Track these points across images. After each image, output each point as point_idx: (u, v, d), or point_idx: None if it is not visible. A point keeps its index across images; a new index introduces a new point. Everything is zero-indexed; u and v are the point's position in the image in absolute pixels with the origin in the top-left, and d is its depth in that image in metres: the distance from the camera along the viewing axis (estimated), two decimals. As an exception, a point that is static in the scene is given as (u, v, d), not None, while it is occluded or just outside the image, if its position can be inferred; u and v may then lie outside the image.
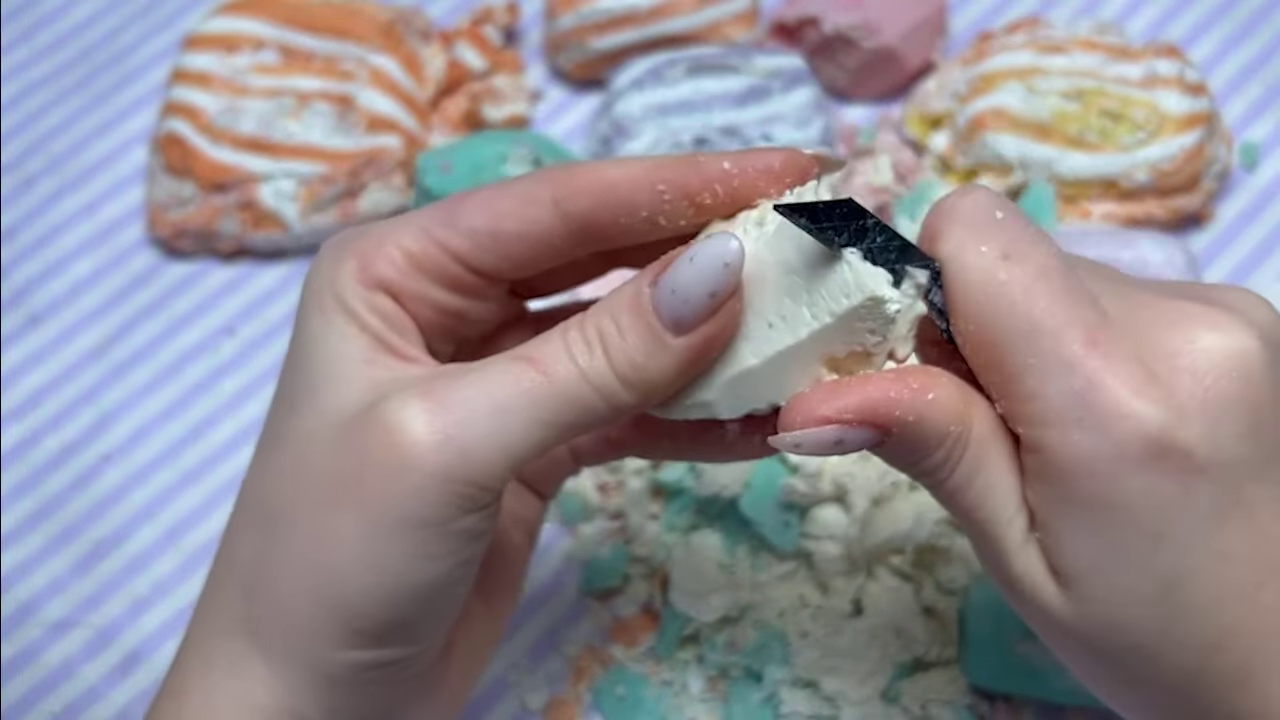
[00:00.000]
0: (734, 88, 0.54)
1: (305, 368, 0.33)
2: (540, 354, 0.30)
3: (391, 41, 0.57)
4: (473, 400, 0.29)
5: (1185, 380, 0.29)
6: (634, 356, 0.30)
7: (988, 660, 0.44)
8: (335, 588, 0.30)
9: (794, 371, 0.31)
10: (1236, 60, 0.59)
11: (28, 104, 0.60)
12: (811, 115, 0.54)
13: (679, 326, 0.29)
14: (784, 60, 0.55)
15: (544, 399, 0.30)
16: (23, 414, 0.53)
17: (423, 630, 0.32)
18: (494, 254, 0.33)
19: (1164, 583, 0.29)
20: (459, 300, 0.34)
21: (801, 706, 0.44)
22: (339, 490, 0.30)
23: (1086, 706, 0.45)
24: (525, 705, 0.46)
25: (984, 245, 0.30)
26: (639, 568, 0.48)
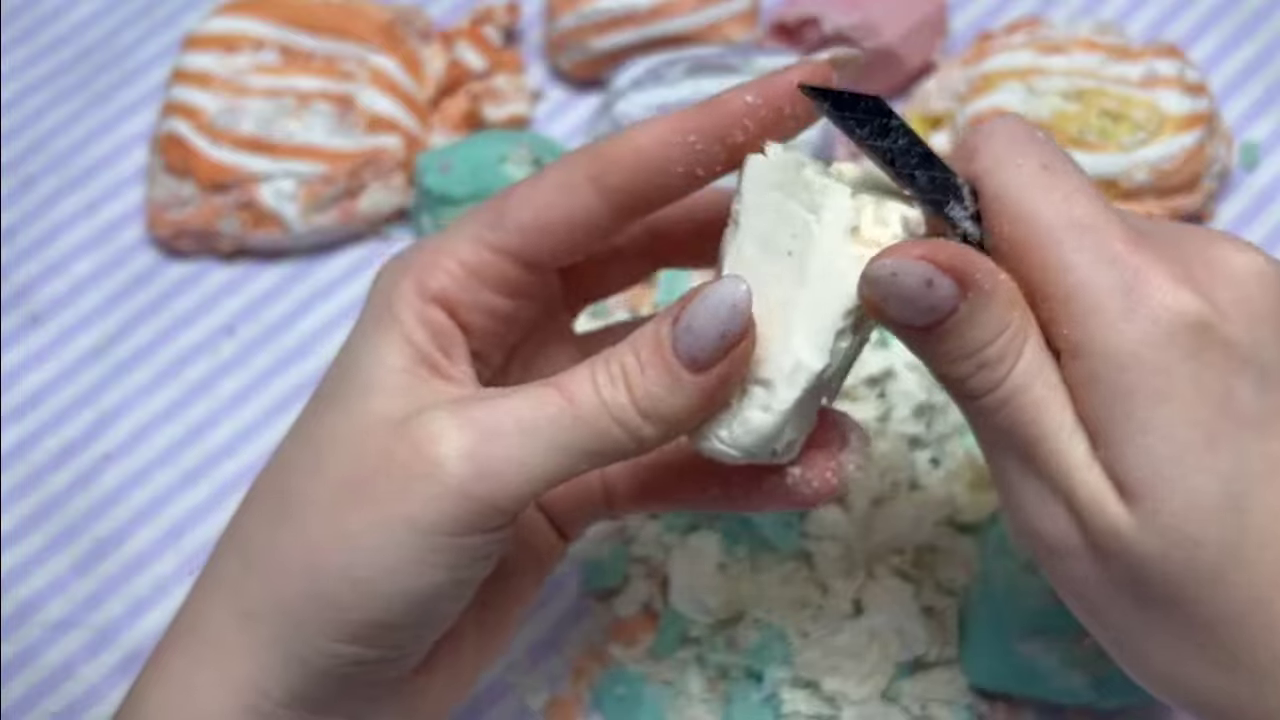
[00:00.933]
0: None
1: (346, 372, 0.34)
2: (568, 384, 0.31)
3: (391, 41, 0.57)
4: (499, 422, 0.30)
5: (1222, 284, 0.30)
6: (652, 391, 0.31)
7: (988, 660, 0.44)
8: (333, 580, 0.31)
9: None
10: (1236, 60, 0.59)
11: (28, 104, 0.60)
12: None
13: (694, 365, 0.30)
14: (784, 60, 0.55)
15: (567, 427, 0.30)
16: (23, 414, 0.53)
17: (407, 637, 0.32)
18: (545, 246, 0.34)
19: (1227, 487, 0.29)
20: (511, 304, 0.35)
21: (802, 706, 0.44)
22: (356, 488, 0.31)
23: (1086, 706, 0.45)
24: (525, 705, 0.46)
25: (1022, 158, 0.31)
26: (639, 568, 0.48)
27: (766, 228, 0.32)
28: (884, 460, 0.46)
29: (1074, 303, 0.30)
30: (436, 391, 0.32)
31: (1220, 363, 0.29)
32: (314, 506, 0.32)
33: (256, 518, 0.33)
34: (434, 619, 0.33)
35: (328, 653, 0.31)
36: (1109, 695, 0.44)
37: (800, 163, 0.32)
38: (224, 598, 0.33)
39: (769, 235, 0.32)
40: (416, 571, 0.31)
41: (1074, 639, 0.43)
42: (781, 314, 0.31)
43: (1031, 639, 0.44)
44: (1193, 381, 0.29)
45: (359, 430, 0.32)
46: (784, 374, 0.31)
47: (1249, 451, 0.29)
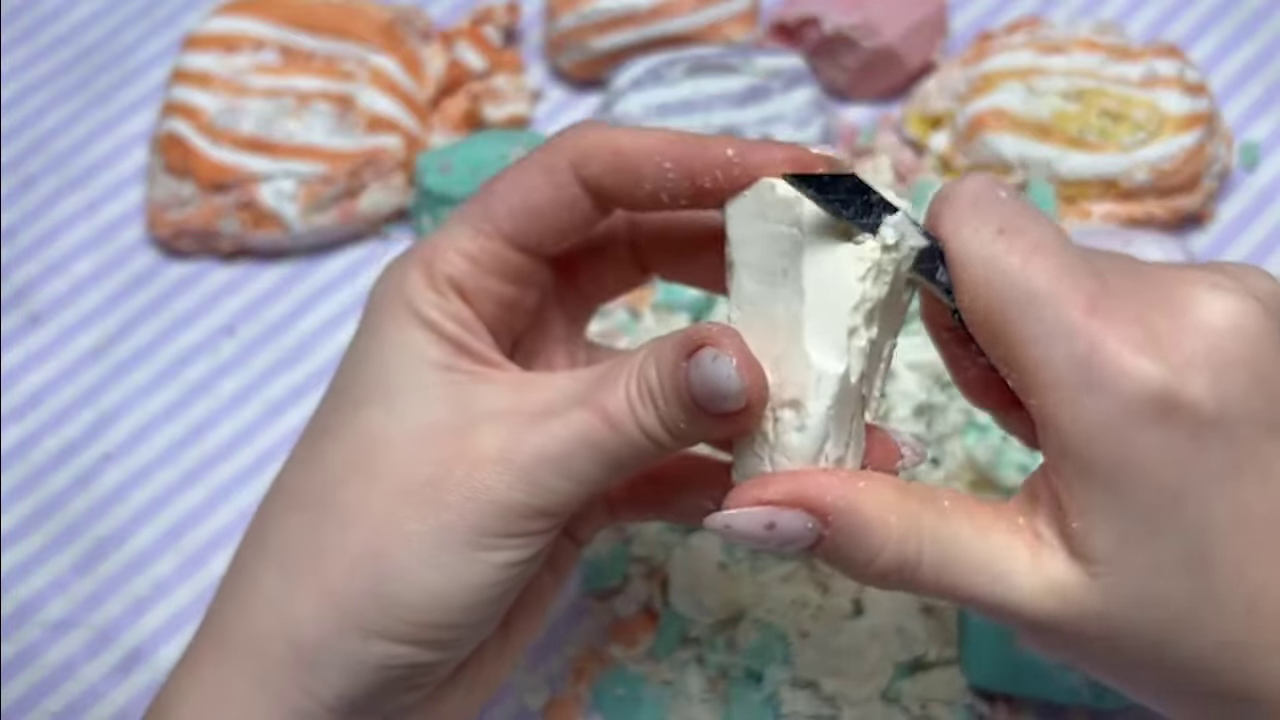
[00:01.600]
0: (734, 88, 0.54)
1: (377, 370, 0.34)
2: (607, 403, 0.32)
3: (391, 41, 0.57)
4: (548, 446, 0.32)
5: (1189, 338, 0.29)
6: (677, 421, 0.31)
7: (988, 660, 0.44)
8: (392, 581, 0.32)
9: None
10: (1236, 60, 0.59)
11: (28, 104, 0.60)
12: (811, 115, 0.54)
13: (706, 409, 0.31)
14: (784, 60, 0.55)
15: (611, 446, 0.32)
16: (23, 414, 0.53)
17: (460, 637, 0.33)
18: (534, 229, 0.35)
19: (1193, 544, 0.29)
20: (514, 290, 0.35)
21: (802, 707, 0.44)
22: (413, 492, 0.32)
23: (1086, 706, 0.45)
24: (525, 705, 0.46)
25: (981, 223, 0.31)
26: (639, 568, 0.48)
27: (758, 258, 0.32)
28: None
29: (1034, 376, 0.30)
30: (483, 389, 0.33)
31: (1186, 425, 0.29)
32: (365, 511, 0.32)
33: (296, 524, 0.34)
34: (485, 619, 0.34)
35: (385, 656, 0.32)
36: (1109, 695, 0.44)
37: (772, 184, 0.32)
38: (263, 606, 0.33)
39: (762, 264, 0.32)
40: (471, 572, 0.32)
41: (1074, 639, 0.43)
42: (792, 333, 0.31)
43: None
44: (1157, 449, 0.29)
45: (412, 435, 0.33)
46: (809, 389, 0.31)
47: (1216, 505, 0.29)
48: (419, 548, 0.32)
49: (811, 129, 0.54)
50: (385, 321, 0.34)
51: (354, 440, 0.34)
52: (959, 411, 0.48)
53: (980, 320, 0.31)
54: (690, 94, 0.54)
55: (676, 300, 0.52)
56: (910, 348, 0.49)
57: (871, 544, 0.30)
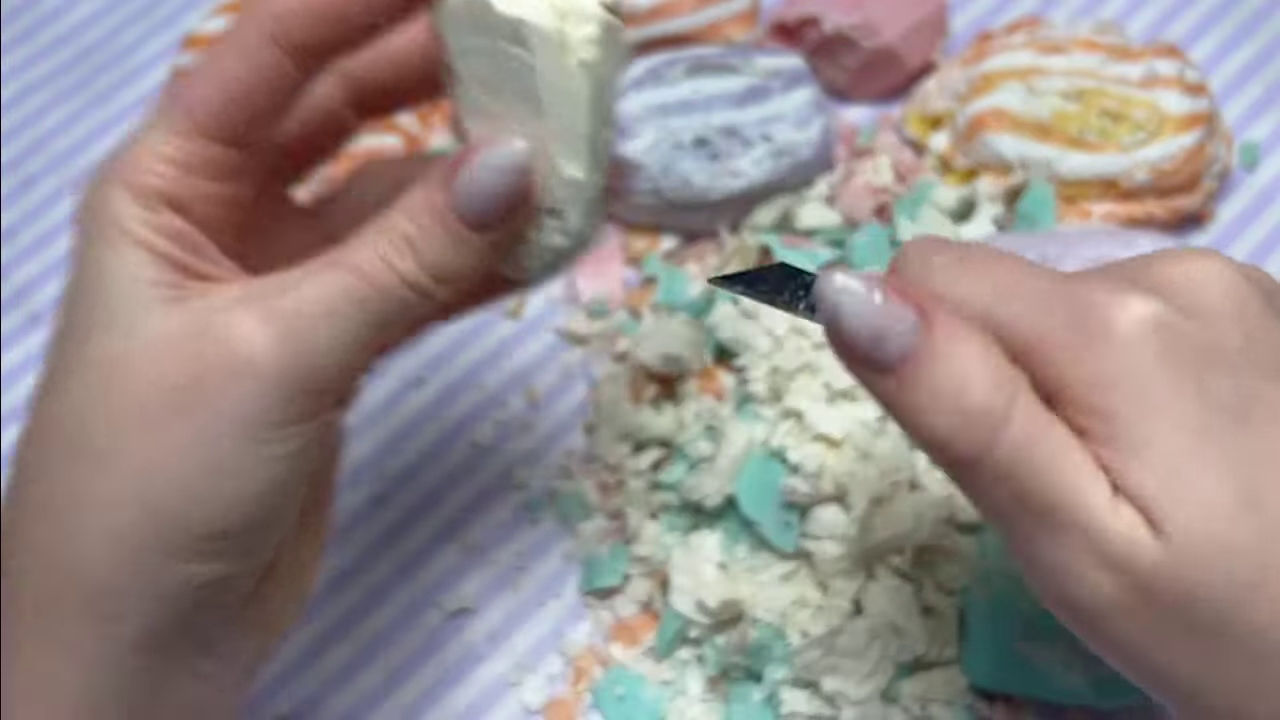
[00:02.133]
0: (734, 88, 0.54)
1: (96, 299, 0.31)
2: (356, 260, 0.31)
3: (391, 41, 0.57)
4: (300, 309, 0.30)
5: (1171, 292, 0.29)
6: (440, 255, 0.31)
7: (988, 660, 0.44)
8: (171, 498, 0.30)
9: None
10: (1236, 60, 0.59)
11: (28, 104, 0.60)
12: (811, 115, 0.54)
13: (480, 227, 0.31)
14: (784, 60, 0.55)
15: (371, 303, 0.31)
16: (23, 414, 0.53)
17: (257, 541, 0.31)
18: (239, 118, 0.32)
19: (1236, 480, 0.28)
20: (228, 187, 0.33)
21: (801, 707, 0.44)
22: (171, 402, 0.30)
23: (1086, 706, 0.45)
24: (525, 705, 0.46)
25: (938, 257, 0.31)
26: (639, 567, 0.48)
27: (486, 72, 0.33)
28: (884, 460, 0.46)
29: (1034, 356, 0.29)
30: (212, 292, 0.31)
31: (1188, 358, 0.28)
32: (126, 437, 0.30)
33: (50, 467, 0.31)
34: (274, 519, 0.32)
35: (182, 576, 0.30)
36: (1109, 695, 0.44)
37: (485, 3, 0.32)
38: (42, 567, 0.31)
39: (491, 78, 0.33)
40: (252, 469, 0.30)
41: (1074, 639, 0.43)
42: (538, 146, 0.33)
43: (1031, 639, 0.44)
44: (1168, 384, 0.28)
45: (150, 349, 0.30)
46: (567, 199, 0.33)
47: (1240, 443, 0.28)
48: (190, 456, 0.30)
49: (811, 129, 0.54)
50: (96, 246, 0.32)
51: (92, 370, 0.31)
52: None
53: None
54: (690, 94, 0.54)
55: (677, 300, 0.52)
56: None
57: (967, 372, 0.28)
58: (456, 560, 0.49)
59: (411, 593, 0.48)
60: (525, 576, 0.49)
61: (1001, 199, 0.53)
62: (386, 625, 0.48)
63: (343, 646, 0.47)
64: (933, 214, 0.53)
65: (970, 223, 0.53)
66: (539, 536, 0.49)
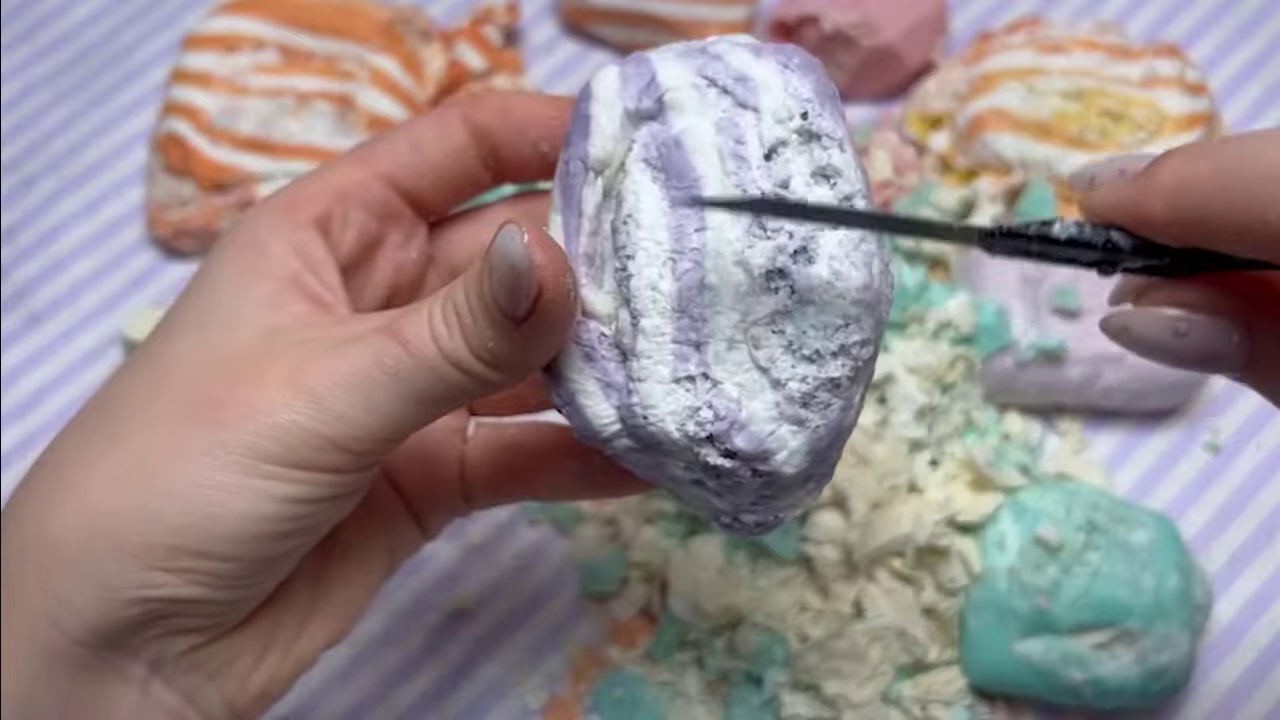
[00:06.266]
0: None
1: (202, 300, 0.32)
2: (405, 329, 0.30)
3: (391, 41, 0.57)
4: (339, 372, 0.29)
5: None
6: (485, 339, 0.29)
7: (988, 660, 0.44)
8: (157, 498, 0.29)
9: None
10: (1236, 60, 0.59)
11: (28, 104, 0.60)
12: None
13: (512, 313, 0.28)
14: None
15: (408, 374, 0.29)
16: (23, 414, 0.53)
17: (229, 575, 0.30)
18: (415, 172, 0.34)
19: None
20: (381, 227, 0.34)
21: (802, 709, 0.44)
22: (194, 411, 0.30)
23: (1087, 706, 0.45)
24: (525, 705, 0.46)
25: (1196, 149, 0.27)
26: (637, 571, 0.48)
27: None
28: (882, 465, 0.46)
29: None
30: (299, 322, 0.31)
31: None
32: (149, 424, 0.30)
33: (76, 436, 0.31)
34: (262, 560, 0.30)
35: (140, 583, 0.29)
36: (1109, 695, 0.44)
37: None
38: (18, 527, 0.30)
39: None
40: (247, 500, 0.29)
41: (1074, 639, 0.43)
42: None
43: (1031, 639, 0.44)
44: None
45: (208, 359, 0.30)
46: None
47: None
48: (190, 465, 0.29)
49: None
50: (226, 252, 0.32)
51: (153, 363, 0.31)
52: (959, 413, 0.48)
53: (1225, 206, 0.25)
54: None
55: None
56: (910, 351, 0.49)
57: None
58: (456, 560, 0.49)
59: (411, 593, 0.48)
60: (525, 577, 0.49)
61: (1001, 199, 0.53)
62: (386, 625, 0.48)
63: (342, 646, 0.47)
64: (933, 214, 0.53)
65: (970, 223, 0.53)
66: (539, 538, 0.49)
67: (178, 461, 0.29)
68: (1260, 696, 0.46)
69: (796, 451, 0.28)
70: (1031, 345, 0.48)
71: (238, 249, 0.32)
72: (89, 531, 0.29)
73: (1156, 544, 0.44)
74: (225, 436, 0.29)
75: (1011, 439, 0.49)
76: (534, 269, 0.28)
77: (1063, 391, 0.49)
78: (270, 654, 0.33)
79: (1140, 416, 0.51)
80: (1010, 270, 0.50)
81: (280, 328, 0.31)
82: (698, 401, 0.28)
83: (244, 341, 0.31)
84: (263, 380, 0.29)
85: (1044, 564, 0.44)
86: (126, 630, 0.29)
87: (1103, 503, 0.45)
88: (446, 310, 0.29)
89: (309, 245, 0.33)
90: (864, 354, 0.28)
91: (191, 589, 0.29)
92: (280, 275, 0.32)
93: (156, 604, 0.29)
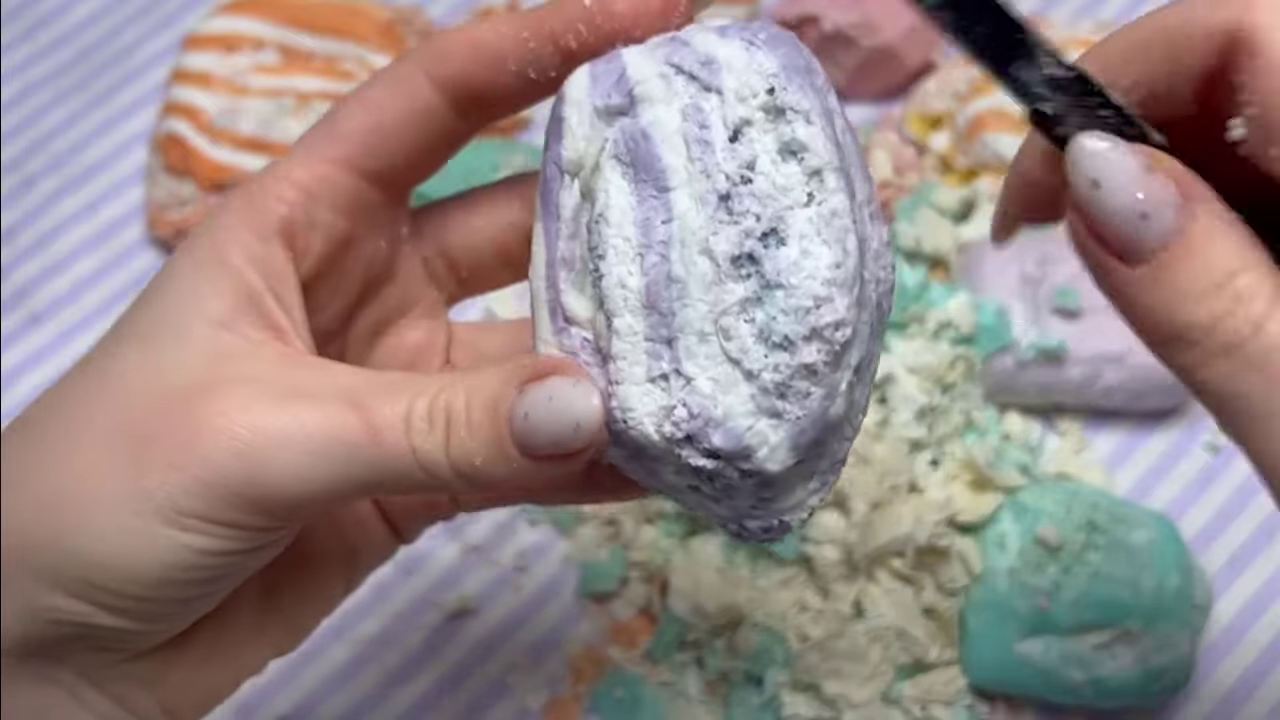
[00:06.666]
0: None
1: (152, 311, 0.30)
2: (377, 411, 0.27)
3: (391, 41, 0.57)
4: (287, 432, 0.27)
5: None
6: (473, 457, 0.27)
7: (988, 660, 0.44)
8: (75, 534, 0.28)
9: None
10: (1237, 59, 0.58)
11: (28, 104, 0.60)
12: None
13: (525, 450, 0.27)
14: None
15: (365, 459, 0.27)
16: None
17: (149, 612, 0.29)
18: (383, 150, 0.31)
19: None
20: (351, 225, 0.32)
21: (802, 710, 0.44)
22: (124, 445, 0.28)
23: (1087, 706, 0.45)
24: (525, 705, 0.46)
25: None
26: (637, 571, 0.48)
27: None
28: (882, 464, 0.46)
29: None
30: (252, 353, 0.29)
31: None
32: (73, 454, 0.28)
33: (9, 446, 0.30)
34: (184, 599, 0.29)
35: (58, 609, 0.28)
36: (1109, 695, 0.44)
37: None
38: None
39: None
40: (160, 544, 0.28)
41: (1074, 639, 0.43)
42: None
43: (1031, 639, 0.44)
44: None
45: (150, 384, 0.29)
46: None
47: None
48: (111, 506, 0.28)
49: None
50: (183, 259, 0.30)
51: (96, 376, 0.29)
52: (959, 413, 0.48)
53: None
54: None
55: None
56: (910, 351, 0.49)
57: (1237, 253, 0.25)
58: (456, 560, 0.49)
59: (411, 593, 0.48)
60: (525, 577, 0.49)
61: (1001, 199, 0.53)
62: (386, 625, 0.48)
63: (343, 646, 0.47)
64: (932, 214, 0.53)
65: (970, 223, 0.53)
66: (539, 538, 0.49)
67: (98, 503, 0.28)
68: (1260, 696, 0.46)
69: (778, 447, 0.26)
70: (1031, 345, 0.48)
71: (196, 256, 0.30)
72: (12, 554, 0.28)
73: (1156, 544, 0.44)
74: (149, 484, 0.28)
75: (1011, 439, 0.49)
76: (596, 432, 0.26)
77: (1063, 391, 0.49)
78: (210, 666, 0.32)
79: (1140, 416, 0.51)
80: (1011, 270, 0.50)
81: (229, 353, 0.29)
82: (672, 400, 0.26)
83: (189, 365, 0.29)
84: (199, 422, 0.28)
85: (1044, 564, 0.44)
86: (50, 643, 0.29)
87: (1103, 503, 0.45)
88: (435, 409, 0.27)
89: (271, 260, 0.30)
90: (839, 336, 0.26)
91: (109, 619, 0.29)
92: (237, 292, 0.30)
93: (77, 627, 0.29)
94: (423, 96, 0.31)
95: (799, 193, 0.26)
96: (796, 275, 0.26)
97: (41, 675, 0.29)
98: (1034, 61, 0.27)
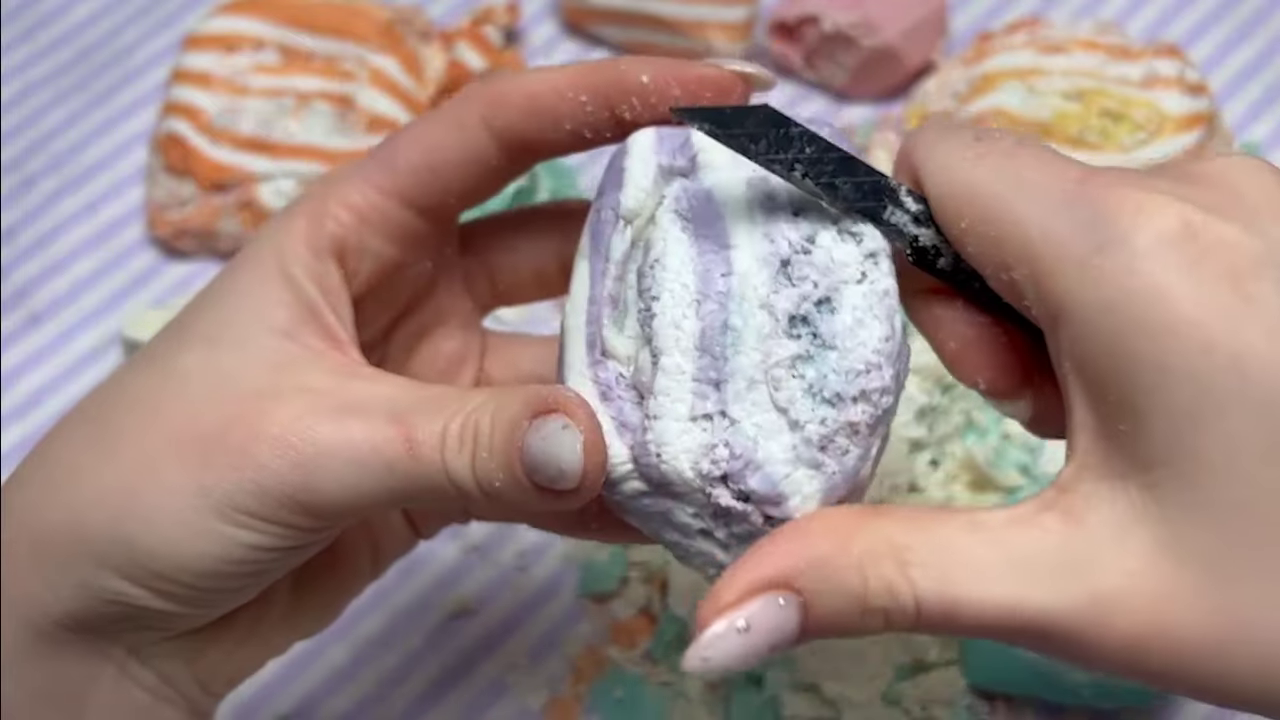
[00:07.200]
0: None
1: (217, 315, 0.32)
2: (416, 428, 0.29)
3: (391, 41, 0.57)
4: (335, 446, 0.29)
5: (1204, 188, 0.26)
6: (492, 477, 0.29)
7: (988, 660, 0.44)
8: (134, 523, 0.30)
9: None
10: (1236, 60, 0.59)
11: (28, 104, 0.60)
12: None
13: (531, 480, 0.28)
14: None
15: (403, 471, 0.29)
16: (23, 414, 0.53)
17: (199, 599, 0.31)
18: (435, 186, 0.33)
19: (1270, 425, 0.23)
20: (399, 252, 0.33)
21: (802, 710, 0.44)
22: (185, 442, 0.30)
23: (1086, 706, 0.45)
24: (525, 705, 0.46)
25: (956, 139, 0.28)
26: (637, 571, 0.48)
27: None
28: (883, 464, 0.46)
29: (1038, 262, 0.26)
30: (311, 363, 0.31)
31: (1225, 267, 0.24)
32: (138, 446, 0.30)
33: (73, 439, 0.32)
34: (231, 589, 0.31)
35: (114, 592, 0.30)
36: (1109, 695, 0.44)
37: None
38: (22, 513, 0.31)
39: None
40: (214, 538, 0.30)
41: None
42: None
43: (1031, 639, 0.44)
44: (1197, 304, 0.24)
45: (213, 387, 0.31)
46: None
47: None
48: (169, 500, 0.30)
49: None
50: (247, 267, 0.32)
51: (160, 376, 0.31)
52: (959, 413, 0.48)
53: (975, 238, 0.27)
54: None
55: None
56: (911, 351, 0.49)
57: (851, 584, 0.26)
58: (456, 560, 0.49)
59: (411, 593, 0.48)
60: (525, 577, 0.49)
61: (1001, 199, 0.53)
62: (386, 625, 0.48)
63: (343, 646, 0.47)
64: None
65: (970, 223, 0.53)
66: (539, 537, 0.49)
67: (159, 494, 0.30)
68: (1260, 696, 0.46)
69: (811, 497, 0.28)
70: (1031, 345, 0.48)
71: (259, 265, 0.32)
72: (73, 535, 0.30)
73: (1157, 544, 0.44)
74: (209, 482, 0.29)
75: (1011, 439, 0.49)
76: (582, 476, 0.28)
77: (1063, 391, 0.49)
78: (244, 647, 0.34)
79: (1140, 416, 0.51)
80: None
81: (290, 361, 0.31)
82: (714, 439, 0.28)
83: (252, 370, 0.31)
84: (258, 430, 0.30)
85: (1044, 564, 0.44)
86: (104, 621, 0.31)
87: (1103, 503, 0.45)
88: (466, 428, 0.29)
89: (327, 275, 0.32)
90: (884, 403, 0.28)
91: (158, 602, 0.30)
92: (299, 303, 0.32)
93: (127, 608, 0.31)
94: (478, 141, 0.32)
95: (854, 270, 0.28)
96: (850, 340, 0.28)
97: (94, 649, 0.31)
98: (898, 202, 0.29)
